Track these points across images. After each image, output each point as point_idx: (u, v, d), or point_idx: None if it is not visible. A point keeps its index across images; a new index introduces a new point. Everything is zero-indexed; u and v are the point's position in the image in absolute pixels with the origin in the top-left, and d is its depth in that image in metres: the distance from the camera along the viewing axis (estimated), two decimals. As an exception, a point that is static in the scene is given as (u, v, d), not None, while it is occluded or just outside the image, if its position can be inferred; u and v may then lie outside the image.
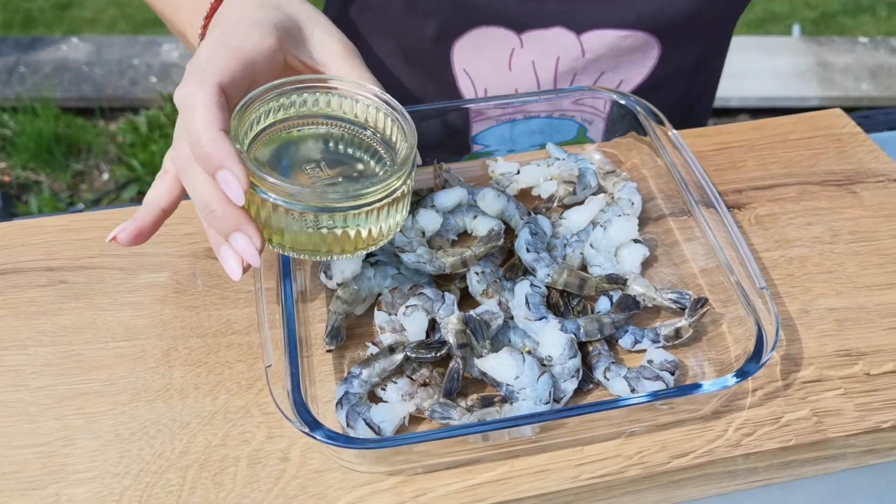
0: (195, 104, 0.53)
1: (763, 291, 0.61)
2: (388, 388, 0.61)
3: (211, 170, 0.52)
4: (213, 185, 0.53)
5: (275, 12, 0.62)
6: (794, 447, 0.60)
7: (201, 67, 0.55)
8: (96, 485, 0.58)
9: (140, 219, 0.61)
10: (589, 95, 0.80)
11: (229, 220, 0.54)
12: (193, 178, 0.54)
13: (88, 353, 0.66)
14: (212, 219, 0.54)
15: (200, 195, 0.54)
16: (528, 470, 0.58)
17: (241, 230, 0.54)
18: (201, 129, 0.52)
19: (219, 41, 0.57)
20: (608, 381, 0.62)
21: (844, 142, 0.85)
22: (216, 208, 0.54)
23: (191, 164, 0.54)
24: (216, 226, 0.54)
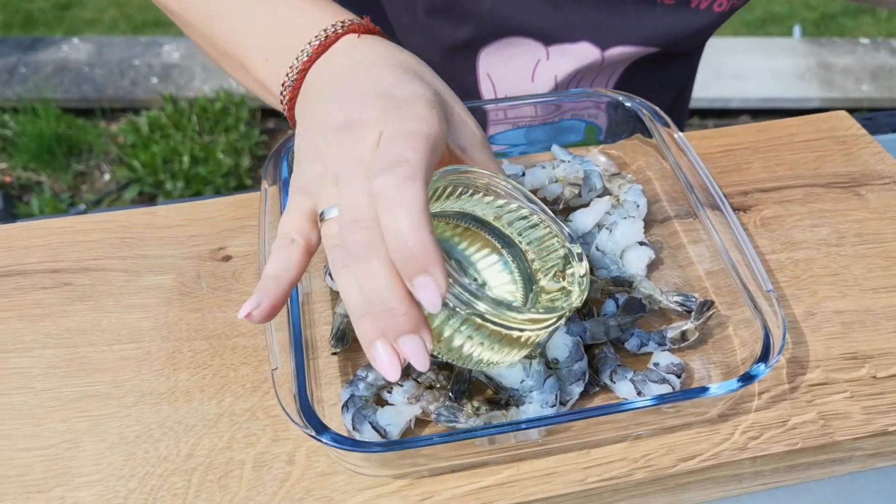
0: (406, 200, 0.46)
1: (770, 294, 0.61)
2: (394, 391, 0.61)
3: (412, 272, 0.46)
4: (395, 281, 0.47)
5: (428, 86, 0.56)
6: (801, 450, 0.59)
7: (404, 157, 0.48)
8: (101, 488, 0.57)
9: (273, 295, 0.52)
10: (594, 97, 0.80)
11: (408, 323, 0.48)
12: (369, 272, 0.47)
13: (93, 355, 0.66)
14: (386, 317, 0.48)
15: (376, 291, 0.47)
16: (534, 473, 0.58)
17: (417, 333, 0.48)
18: (409, 228, 0.45)
19: (404, 124, 0.50)
20: (614, 384, 0.62)
21: (850, 144, 0.85)
22: (396, 307, 0.47)
23: (370, 256, 0.47)
24: (388, 324, 0.48)
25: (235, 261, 0.74)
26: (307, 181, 0.53)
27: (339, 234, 0.49)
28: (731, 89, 3.11)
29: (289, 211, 0.54)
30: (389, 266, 0.47)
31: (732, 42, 3.33)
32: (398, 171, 0.47)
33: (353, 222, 0.48)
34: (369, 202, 0.48)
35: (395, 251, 0.46)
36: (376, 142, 0.50)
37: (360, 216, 0.48)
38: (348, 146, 0.51)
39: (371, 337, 0.49)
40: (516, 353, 0.55)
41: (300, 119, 0.59)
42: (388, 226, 0.46)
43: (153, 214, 0.78)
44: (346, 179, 0.50)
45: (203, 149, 2.78)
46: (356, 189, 0.49)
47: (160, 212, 0.78)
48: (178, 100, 2.98)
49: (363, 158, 0.50)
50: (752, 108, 3.10)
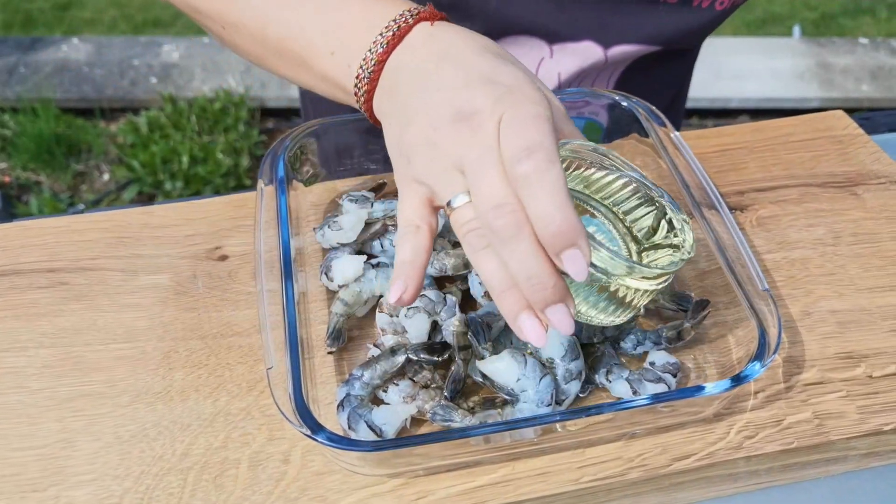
0: (549, 183, 0.49)
1: (766, 293, 0.61)
2: (390, 390, 0.61)
3: (560, 247, 0.49)
4: (544, 258, 0.50)
5: (522, 67, 0.57)
6: (796, 450, 0.59)
7: (538, 142, 0.50)
8: (96, 487, 0.58)
9: (414, 277, 0.55)
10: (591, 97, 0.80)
11: (556, 294, 0.51)
12: (520, 251, 0.50)
13: (89, 354, 0.66)
14: (537, 290, 0.50)
15: (524, 267, 0.50)
16: (529, 472, 0.58)
17: (563, 302, 0.51)
18: (556, 208, 0.48)
19: (522, 108, 0.52)
20: (610, 384, 0.62)
21: (846, 143, 0.85)
22: (546, 281, 0.50)
23: (519, 236, 0.49)
24: (536, 297, 0.51)
25: (231, 260, 0.74)
26: (423, 172, 0.55)
27: (479, 218, 0.51)
28: (731, 89, 3.10)
29: (407, 200, 0.55)
30: (537, 244, 0.50)
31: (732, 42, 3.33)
32: (538, 156, 0.49)
33: (496, 207, 0.50)
34: (508, 187, 0.50)
35: (545, 230, 0.49)
36: (496, 128, 0.51)
37: (503, 201, 0.50)
38: (467, 135, 0.52)
39: (516, 310, 0.51)
40: (626, 312, 0.58)
41: (392, 113, 0.59)
42: (537, 208, 0.49)
43: (149, 214, 0.78)
44: (478, 167, 0.51)
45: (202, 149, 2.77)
46: (492, 176, 0.50)
47: (156, 211, 0.78)
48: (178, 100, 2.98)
49: (490, 146, 0.51)
50: (751, 108, 3.10)
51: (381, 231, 0.71)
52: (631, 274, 0.54)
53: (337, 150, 0.77)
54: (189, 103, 2.98)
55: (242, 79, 3.12)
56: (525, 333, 0.51)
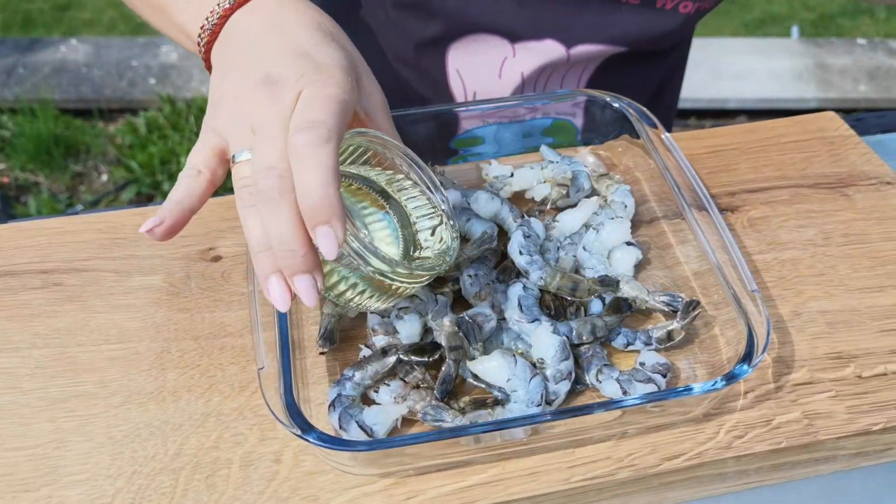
0: (320, 159, 0.51)
1: (754, 294, 0.61)
2: (381, 391, 0.61)
3: (315, 222, 0.51)
4: (298, 226, 0.52)
5: (344, 51, 0.60)
6: (785, 449, 0.60)
7: (321, 120, 0.53)
8: (88, 487, 0.58)
9: (175, 216, 0.58)
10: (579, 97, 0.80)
11: (305, 264, 0.53)
12: (277, 214, 0.52)
13: (81, 355, 0.66)
14: (287, 256, 0.53)
15: (278, 232, 0.52)
16: (519, 472, 0.58)
17: (311, 273, 0.53)
18: (319, 183, 0.51)
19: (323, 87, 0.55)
20: (600, 384, 0.62)
21: (837, 144, 0.85)
22: (297, 249, 0.52)
23: (280, 200, 0.52)
24: (287, 263, 0.53)
25: (225, 261, 0.74)
26: (222, 124, 0.58)
27: (251, 176, 0.54)
28: (729, 90, 3.10)
29: (199, 145, 0.58)
30: (296, 212, 0.52)
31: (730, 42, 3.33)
32: (315, 132, 0.52)
33: (267, 168, 0.52)
34: (284, 154, 0.53)
35: (304, 201, 0.51)
36: (294, 100, 0.55)
37: (275, 164, 0.53)
38: (267, 101, 0.55)
39: (267, 271, 0.54)
40: (387, 300, 0.62)
41: (219, 64, 0.62)
42: (302, 179, 0.51)
43: (143, 215, 0.78)
44: (264, 130, 0.54)
45: (200, 150, 2.78)
46: (273, 140, 0.53)
47: (150, 212, 0.78)
48: (176, 100, 2.98)
49: (281, 114, 0.54)
50: (749, 109, 3.10)
51: (373, 232, 0.71)
52: (392, 271, 0.57)
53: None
54: (188, 104, 2.98)
55: (241, 80, 3.11)
56: (271, 295, 0.54)
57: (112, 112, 3.10)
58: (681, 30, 0.88)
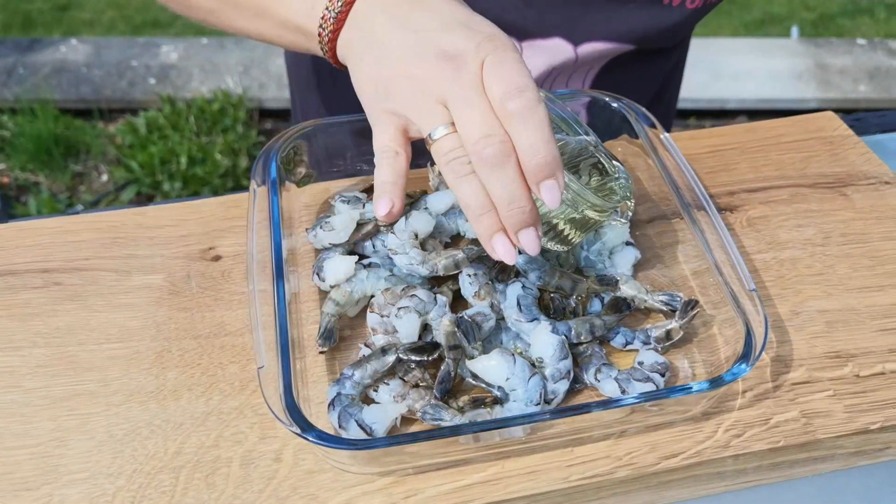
0: (538, 120, 0.55)
1: (753, 293, 0.61)
2: (381, 390, 0.61)
3: (542, 177, 0.56)
4: (523, 183, 0.56)
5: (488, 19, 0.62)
6: (783, 448, 0.60)
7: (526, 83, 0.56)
8: (89, 486, 0.58)
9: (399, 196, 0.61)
10: (580, 97, 0.80)
11: (530, 218, 0.57)
12: (506, 177, 0.56)
13: (82, 354, 0.66)
14: (515, 214, 0.57)
15: (508, 192, 0.56)
16: (518, 471, 0.58)
17: (535, 226, 0.58)
18: (542, 142, 0.55)
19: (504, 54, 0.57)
20: (599, 383, 0.62)
21: (836, 144, 0.86)
22: (525, 205, 0.57)
23: (506, 163, 0.56)
24: (514, 220, 0.57)
25: (225, 261, 0.74)
26: (401, 104, 0.60)
27: (466, 147, 0.56)
28: (729, 90, 3.10)
29: (384, 128, 0.61)
30: (520, 171, 0.56)
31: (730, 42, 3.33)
32: (527, 95, 0.55)
33: (486, 136, 0.55)
34: (494, 119, 0.56)
35: (531, 160, 0.55)
36: (480, 69, 0.57)
37: (492, 132, 0.56)
38: (451, 73, 0.57)
39: (491, 231, 0.58)
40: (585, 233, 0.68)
41: (365, 50, 0.62)
42: (526, 140, 0.55)
43: (143, 215, 0.78)
44: (464, 101, 0.57)
45: (200, 149, 2.77)
46: (478, 108, 0.56)
47: (150, 212, 0.79)
48: (176, 100, 2.98)
49: (474, 83, 0.57)
50: (749, 109, 3.10)
51: (372, 232, 0.71)
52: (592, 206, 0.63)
53: (329, 151, 0.78)
54: (187, 104, 2.98)
55: (241, 80, 3.12)
56: (498, 252, 0.58)
57: (112, 112, 3.10)
58: (686, 25, 0.88)
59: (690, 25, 0.91)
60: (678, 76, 1.08)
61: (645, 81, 0.99)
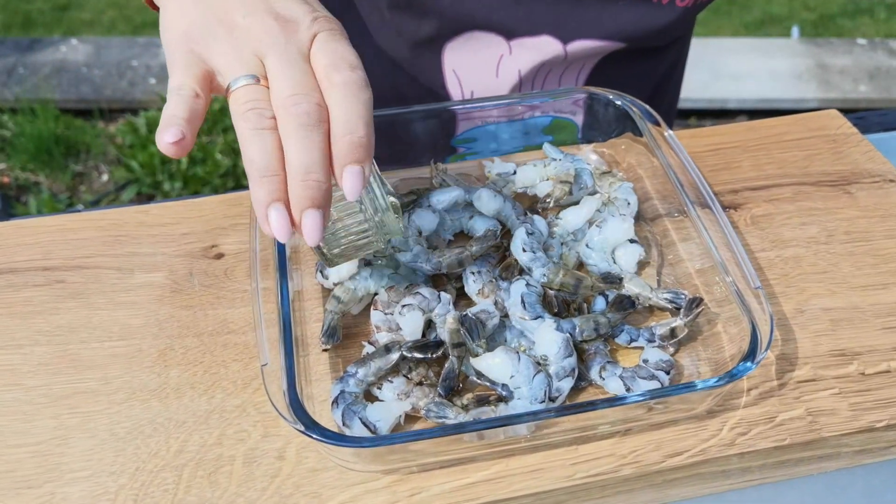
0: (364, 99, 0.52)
1: (758, 291, 0.61)
2: (384, 387, 0.61)
3: (352, 159, 0.51)
4: (326, 157, 0.51)
5: None
6: (789, 446, 0.60)
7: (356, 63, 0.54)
8: (91, 484, 0.58)
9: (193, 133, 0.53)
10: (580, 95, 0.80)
11: (322, 198, 0.51)
12: (308, 141, 0.50)
13: (84, 352, 0.66)
14: (308, 185, 0.50)
15: (309, 159, 0.50)
16: (522, 469, 0.58)
17: (322, 209, 0.51)
18: (364, 123, 0.51)
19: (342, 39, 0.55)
20: (604, 381, 0.62)
21: (839, 142, 0.85)
22: (322, 181, 0.51)
23: (316, 127, 0.51)
24: (305, 194, 0.50)
25: (227, 258, 0.74)
26: (212, 49, 0.55)
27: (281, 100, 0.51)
28: (729, 90, 3.10)
29: (186, 69, 0.55)
30: (327, 144, 0.51)
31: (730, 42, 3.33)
32: (358, 74, 0.52)
33: (301, 94, 0.51)
34: (315, 86, 0.52)
35: (346, 136, 0.51)
36: (310, 41, 0.54)
37: (310, 91, 0.52)
38: (281, 32, 0.54)
39: (269, 199, 0.51)
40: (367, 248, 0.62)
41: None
42: (347, 113, 0.51)
43: (145, 213, 0.78)
44: (287, 59, 0.53)
45: (201, 149, 2.77)
46: (303, 70, 0.53)
47: (152, 210, 0.78)
48: (176, 100, 2.98)
49: (301, 48, 0.54)
50: (749, 109, 3.10)
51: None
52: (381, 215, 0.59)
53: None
54: (188, 104, 2.97)
55: (241, 79, 3.11)
56: (272, 224, 0.51)
57: (112, 112, 3.10)
58: (678, 24, 0.88)
59: (683, 24, 0.90)
60: (678, 76, 1.07)
61: (639, 79, 0.99)
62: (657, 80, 1.00)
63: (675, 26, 0.88)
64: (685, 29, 0.96)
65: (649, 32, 0.87)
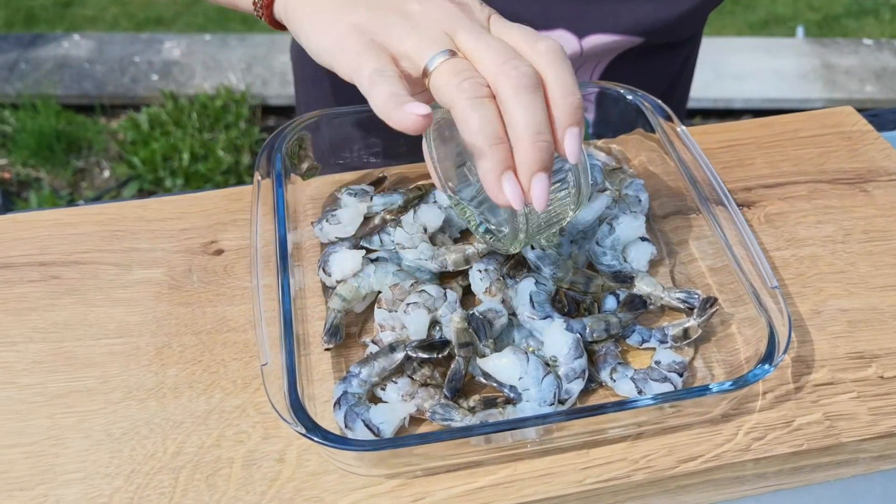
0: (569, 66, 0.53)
1: (775, 291, 0.59)
2: (388, 388, 0.59)
3: (571, 121, 0.52)
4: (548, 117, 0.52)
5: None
6: (806, 452, 0.58)
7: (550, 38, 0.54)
8: (85, 486, 0.56)
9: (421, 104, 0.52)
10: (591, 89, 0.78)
11: (549, 160, 0.51)
12: (535, 102, 0.50)
13: (80, 350, 0.64)
14: (539, 146, 0.50)
15: (539, 120, 0.50)
16: (531, 473, 0.56)
17: (548, 173, 0.51)
18: (576, 86, 0.52)
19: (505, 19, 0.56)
20: (614, 383, 0.60)
21: (855, 140, 0.83)
22: (550, 141, 0.51)
23: (537, 91, 0.51)
24: (536, 156, 0.50)
25: (227, 255, 0.72)
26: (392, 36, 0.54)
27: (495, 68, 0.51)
28: (734, 90, 3.09)
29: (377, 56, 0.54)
30: (546, 107, 0.51)
31: (735, 42, 3.31)
32: (554, 44, 0.53)
33: (514, 59, 0.51)
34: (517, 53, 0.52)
35: (565, 98, 0.51)
36: (487, 21, 0.56)
37: (519, 58, 0.52)
38: (462, 12, 0.55)
39: (502, 167, 0.51)
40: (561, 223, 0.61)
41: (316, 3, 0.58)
42: (562, 78, 0.52)
43: (144, 208, 0.76)
44: (479, 34, 0.53)
45: (203, 146, 2.75)
46: (500, 41, 0.53)
47: (152, 205, 0.77)
48: (179, 97, 2.96)
49: (484, 26, 0.55)
50: (754, 109, 3.08)
51: (380, 226, 0.69)
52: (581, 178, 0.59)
53: (335, 142, 0.75)
54: (190, 100, 2.96)
55: (243, 76, 3.10)
56: (507, 193, 0.51)
57: (114, 108, 3.08)
58: (694, 15, 0.86)
59: (699, 16, 0.88)
60: (688, 73, 1.06)
61: (654, 77, 0.97)
62: (670, 79, 0.98)
63: (691, 19, 0.86)
64: (699, 23, 0.94)
65: (666, 25, 0.85)
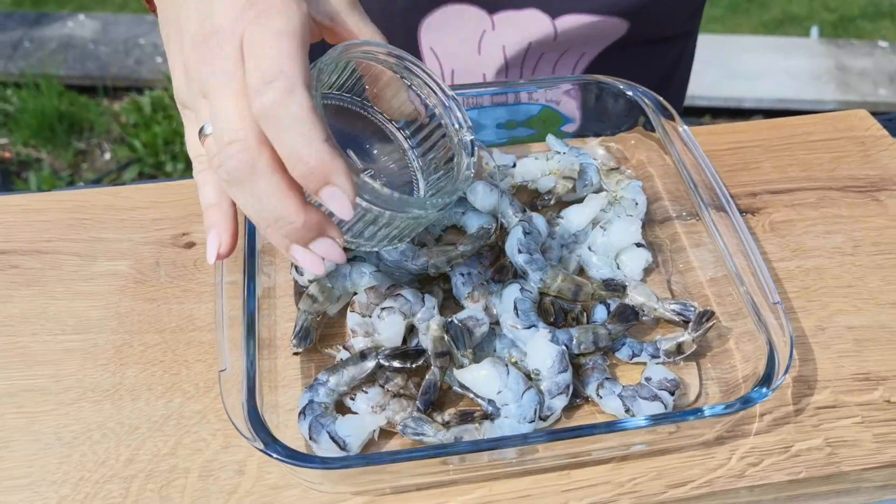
0: (292, 116, 0.45)
1: (777, 307, 0.55)
2: (358, 398, 0.55)
3: (317, 186, 0.46)
4: (284, 195, 0.47)
5: None
6: (805, 480, 0.54)
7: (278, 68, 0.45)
8: (30, 493, 0.52)
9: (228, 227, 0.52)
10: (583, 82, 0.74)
11: (310, 230, 0.48)
12: (257, 193, 0.46)
13: (35, 345, 0.61)
14: (287, 231, 0.48)
15: (269, 210, 0.47)
16: (508, 494, 0.53)
17: (323, 235, 0.49)
18: (303, 144, 0.45)
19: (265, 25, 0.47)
20: (601, 399, 0.56)
21: (868, 145, 0.79)
22: (295, 220, 0.47)
23: (254, 177, 0.46)
24: (293, 237, 0.48)
25: (199, 248, 0.68)
26: (183, 95, 0.52)
27: (214, 160, 0.48)
28: (745, 89, 3.04)
29: (188, 128, 0.53)
30: (277, 180, 0.46)
31: (748, 41, 3.26)
32: (277, 86, 0.45)
33: (228, 144, 0.46)
34: (243, 120, 0.46)
35: (295, 170, 0.46)
36: (238, 50, 0.47)
37: (234, 137, 0.46)
38: (208, 59, 0.48)
39: (285, 244, 0.49)
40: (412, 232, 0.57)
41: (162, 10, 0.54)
42: (282, 147, 0.45)
43: (115, 195, 0.73)
44: (215, 98, 0.47)
45: (205, 130, 2.73)
46: (227, 108, 0.47)
47: (123, 192, 0.73)
48: (182, 80, 2.93)
49: (227, 71, 0.47)
50: (766, 109, 3.04)
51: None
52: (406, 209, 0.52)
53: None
54: (193, 84, 2.93)
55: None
56: (303, 264, 0.50)
57: (117, 90, 3.06)
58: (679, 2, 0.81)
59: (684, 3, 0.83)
60: (683, 73, 1.00)
61: (644, 71, 0.92)
62: (661, 76, 0.93)
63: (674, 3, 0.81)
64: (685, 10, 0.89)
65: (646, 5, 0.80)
